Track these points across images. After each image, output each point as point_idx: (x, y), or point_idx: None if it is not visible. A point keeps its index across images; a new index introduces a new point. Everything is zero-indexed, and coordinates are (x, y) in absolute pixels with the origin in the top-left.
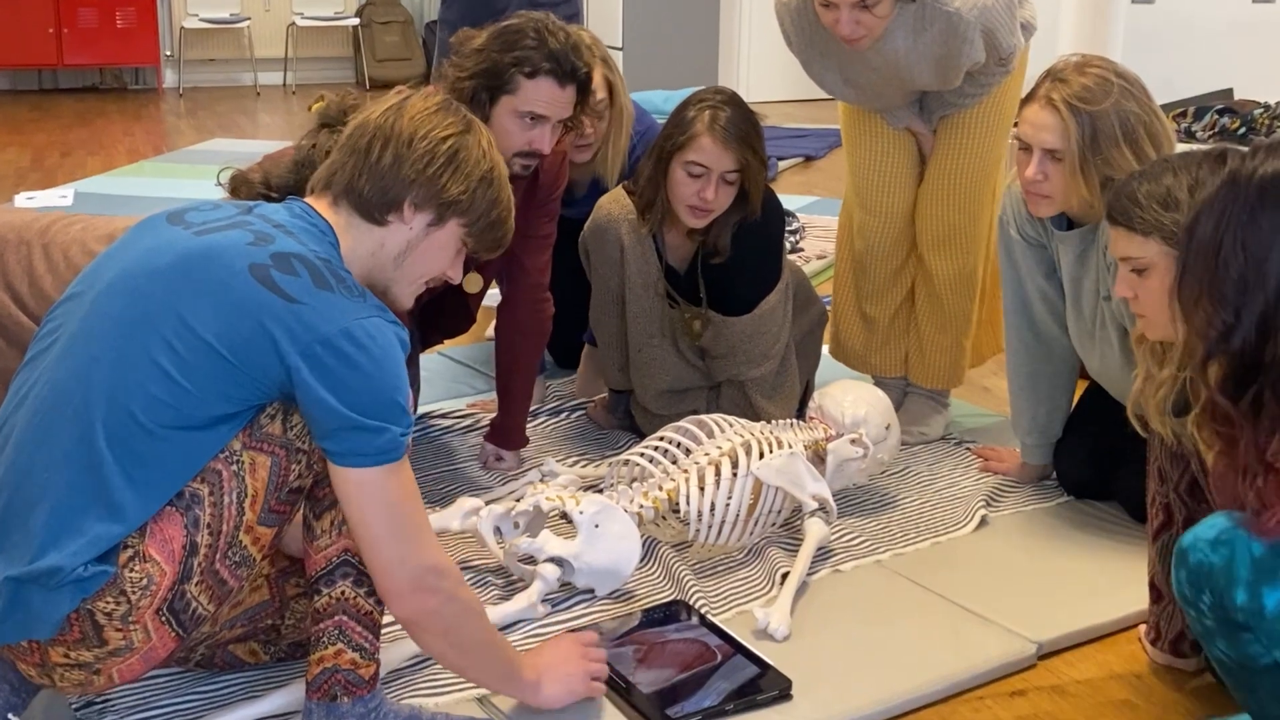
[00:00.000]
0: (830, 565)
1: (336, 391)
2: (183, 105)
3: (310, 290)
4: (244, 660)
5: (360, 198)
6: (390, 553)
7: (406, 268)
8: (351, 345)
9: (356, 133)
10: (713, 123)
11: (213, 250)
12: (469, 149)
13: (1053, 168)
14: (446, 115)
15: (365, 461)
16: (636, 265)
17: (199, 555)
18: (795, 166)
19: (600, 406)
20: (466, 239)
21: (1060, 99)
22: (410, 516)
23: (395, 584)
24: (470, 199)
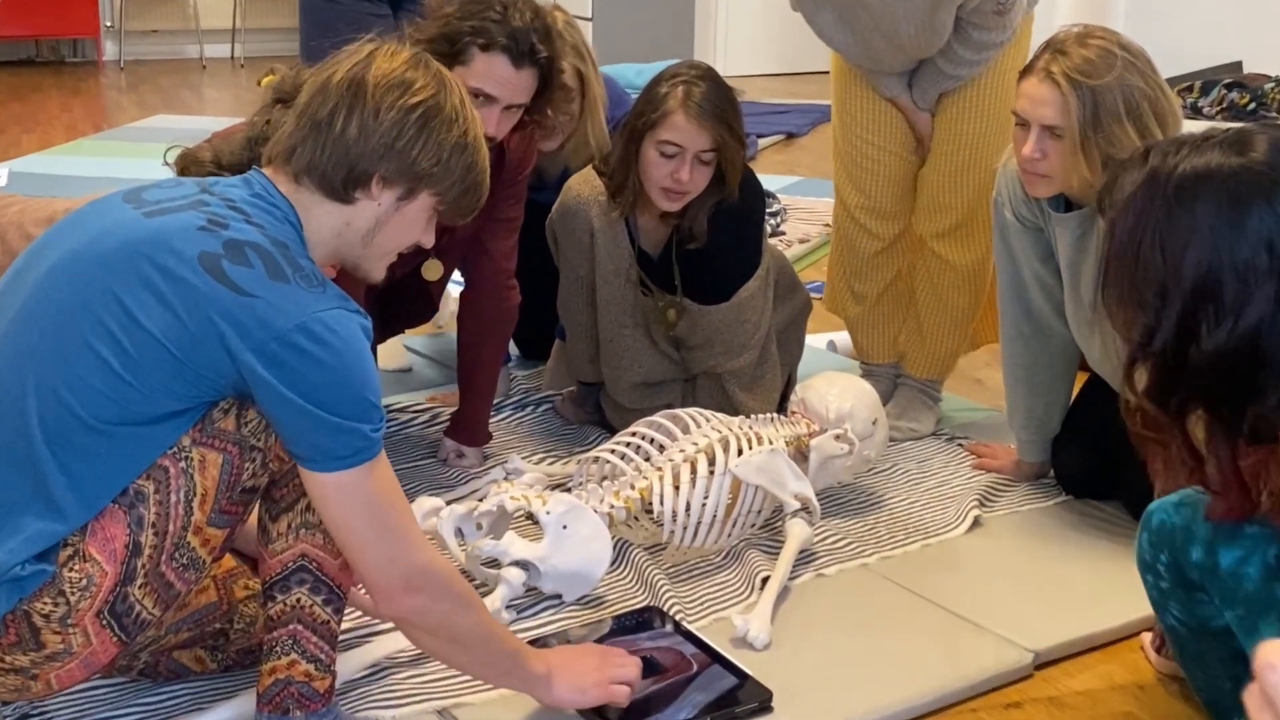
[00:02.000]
0: (813, 569)
1: (300, 391)
2: (124, 79)
3: (264, 282)
4: (190, 668)
5: (323, 175)
6: (377, 554)
7: (376, 244)
8: (311, 341)
9: (316, 99)
10: (686, 99)
11: (161, 235)
12: (442, 113)
13: (1051, 145)
14: (416, 74)
15: (340, 464)
16: (607, 250)
17: (143, 556)
18: (776, 144)
19: (569, 400)
20: (438, 207)
21: (1060, 72)
22: (394, 514)
23: (385, 585)
24: (443, 169)
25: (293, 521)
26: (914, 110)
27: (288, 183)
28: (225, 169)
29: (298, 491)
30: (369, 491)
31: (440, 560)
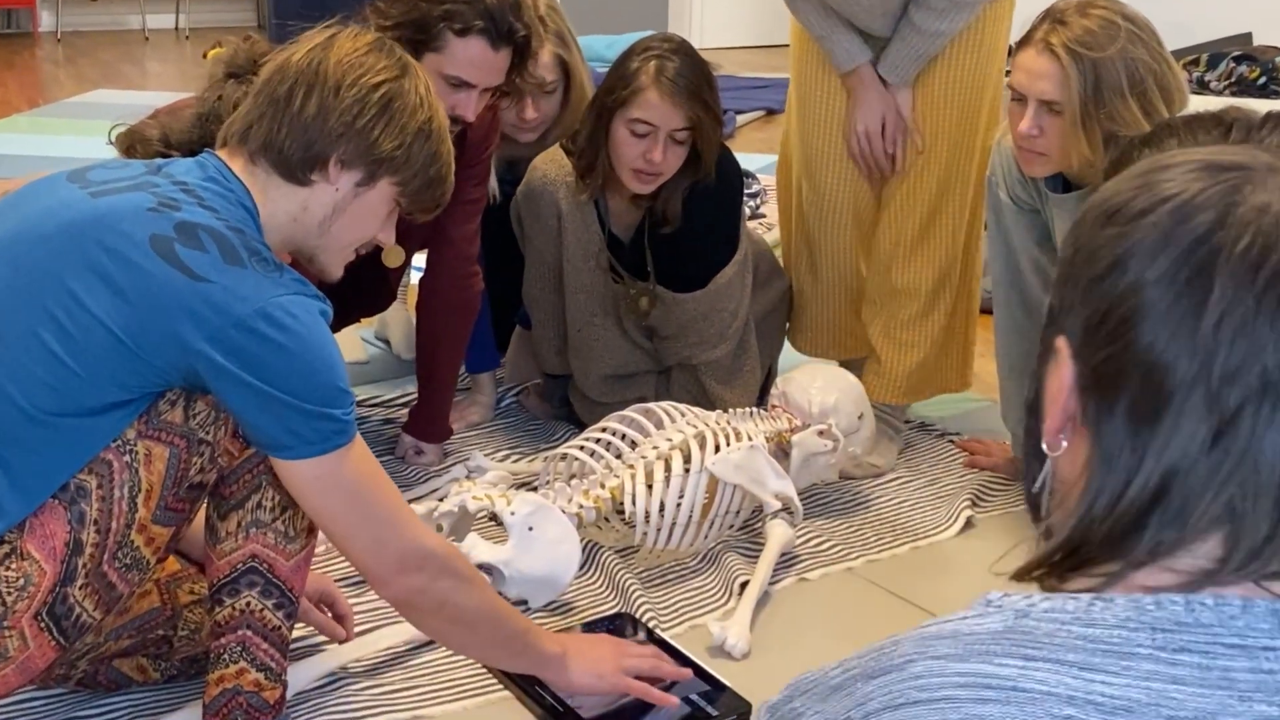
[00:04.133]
0: (795, 573)
1: (264, 378)
2: (61, 52)
3: (219, 267)
4: (131, 678)
5: (280, 154)
6: (365, 538)
7: (334, 234)
8: (271, 326)
9: (275, 78)
10: (659, 75)
11: (109, 216)
12: (404, 97)
13: (1049, 121)
14: (379, 57)
15: (313, 451)
16: (576, 234)
17: (84, 555)
18: (756, 121)
19: (534, 393)
20: (400, 199)
21: (1060, 44)
22: (378, 496)
23: (378, 568)
24: (405, 154)
25: (243, 520)
26: (871, 86)
27: (243, 163)
28: (174, 148)
29: (248, 488)
30: (347, 476)
31: (435, 538)
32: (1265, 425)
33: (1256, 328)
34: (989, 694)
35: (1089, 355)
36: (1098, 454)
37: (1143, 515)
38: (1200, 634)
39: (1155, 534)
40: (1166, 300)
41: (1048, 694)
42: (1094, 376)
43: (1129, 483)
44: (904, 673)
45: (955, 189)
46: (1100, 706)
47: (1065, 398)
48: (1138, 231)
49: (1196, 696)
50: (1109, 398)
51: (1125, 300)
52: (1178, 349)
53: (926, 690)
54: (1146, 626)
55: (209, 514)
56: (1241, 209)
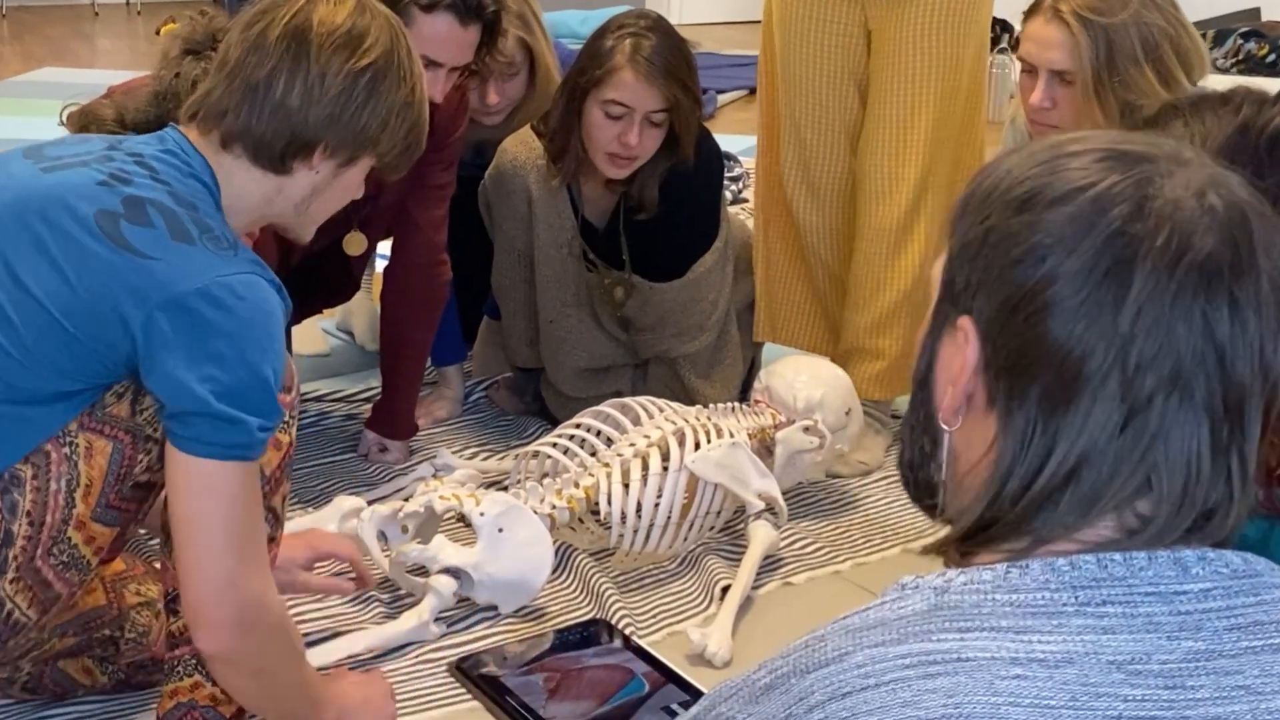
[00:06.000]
0: (780, 577)
1: (188, 362)
2: (5, 27)
3: (165, 244)
4: (78, 681)
5: (259, 143)
6: (221, 571)
7: (311, 212)
8: (210, 306)
9: (251, 59)
10: (634, 53)
11: (54, 192)
12: (390, 73)
13: (1062, 92)
14: (364, 26)
15: (211, 452)
16: (547, 221)
17: (14, 547)
18: (737, 101)
19: (505, 388)
20: (376, 164)
21: (1069, 11)
22: (250, 533)
23: (218, 613)
24: (388, 131)
25: None
26: None
27: (211, 145)
28: (130, 128)
29: None
30: (236, 496)
31: (277, 601)
32: (1174, 413)
33: (1172, 321)
34: (935, 669)
35: (1002, 340)
36: (1008, 435)
37: (1055, 495)
38: (1117, 586)
39: (1064, 513)
40: (1085, 291)
41: (992, 659)
42: (1007, 362)
43: (1041, 467)
44: (844, 664)
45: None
46: (1044, 663)
47: (967, 378)
48: (1053, 220)
49: (1130, 642)
50: (1022, 382)
51: (1042, 289)
52: (1094, 338)
53: (872, 676)
54: (1067, 586)
55: (165, 519)
56: (1157, 202)
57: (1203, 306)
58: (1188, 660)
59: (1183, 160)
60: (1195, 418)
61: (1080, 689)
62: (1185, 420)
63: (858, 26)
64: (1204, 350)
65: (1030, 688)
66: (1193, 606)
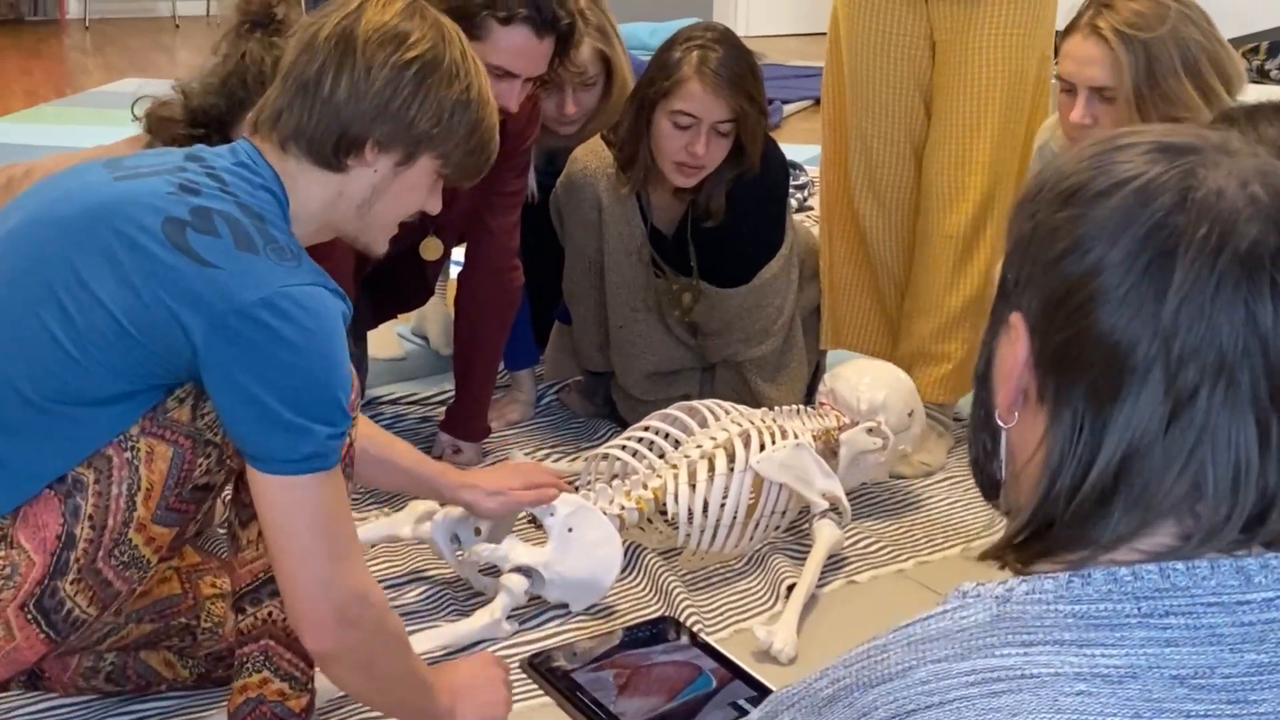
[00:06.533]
0: (844, 575)
1: (255, 374)
2: (89, 39)
3: (229, 253)
4: (160, 673)
5: (312, 141)
6: (312, 575)
7: (374, 215)
8: (275, 316)
9: (302, 59)
10: (702, 65)
11: (124, 200)
12: (439, 69)
13: (1103, 109)
14: (410, 27)
15: (290, 469)
16: (617, 228)
17: (76, 550)
18: (803, 111)
19: (576, 391)
20: (442, 170)
21: (1108, 27)
22: (341, 534)
23: (318, 613)
24: (445, 129)
25: None
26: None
27: (275, 152)
28: (199, 121)
29: None
30: (319, 505)
31: (378, 593)
32: (1220, 405)
33: (1214, 312)
34: (999, 686)
35: (1049, 334)
36: (1057, 430)
37: (1107, 496)
38: (1180, 597)
39: (1120, 516)
40: (1128, 283)
41: (1056, 675)
42: (1054, 356)
43: (1092, 461)
44: (907, 679)
45: (1005, 176)
46: (1107, 678)
47: (1019, 373)
48: (1097, 213)
49: (1193, 655)
50: (1069, 376)
51: (1086, 282)
52: (1138, 331)
53: (936, 694)
54: (1130, 596)
55: (230, 520)
56: (1199, 193)
57: (1245, 297)
58: (1250, 674)
59: (1230, 150)
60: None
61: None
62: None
63: (924, 39)
64: (1248, 341)
65: (1094, 704)
66: (1255, 617)
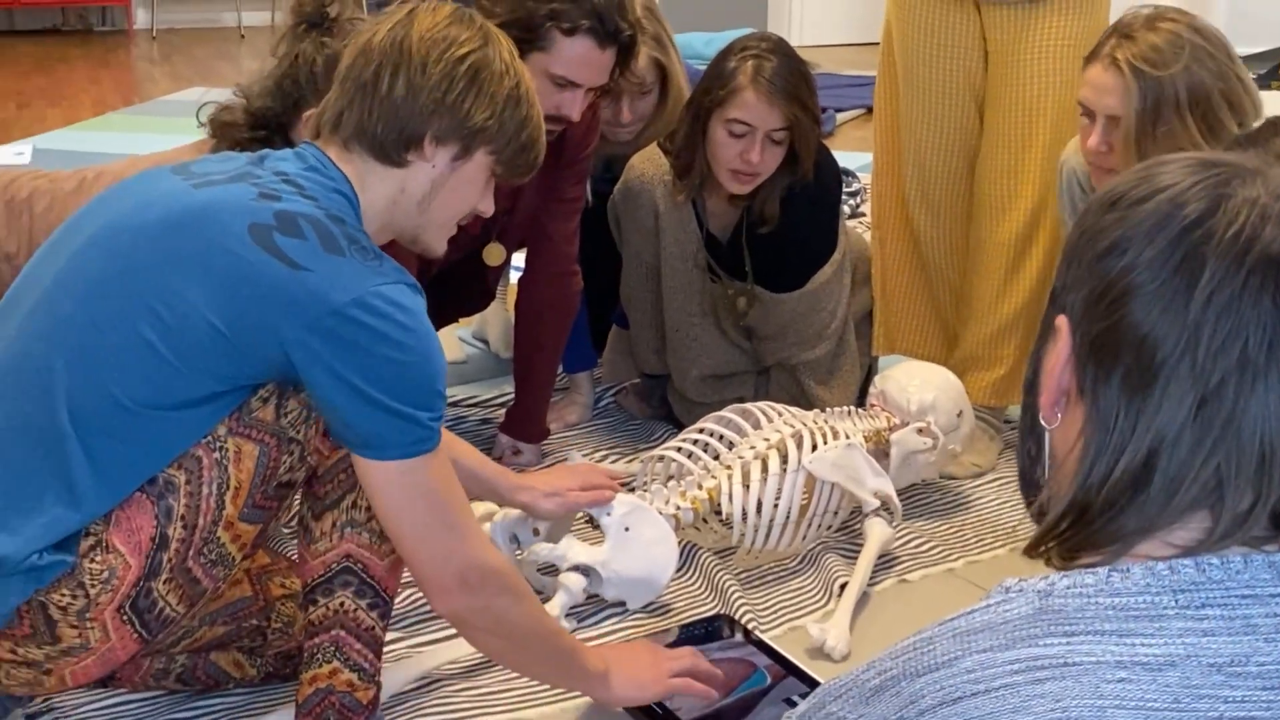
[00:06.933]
0: (895, 574)
1: (357, 370)
2: (156, 49)
3: (318, 255)
4: (229, 673)
5: (374, 138)
6: (433, 548)
7: (434, 210)
8: (371, 315)
9: (359, 62)
10: (756, 74)
11: (210, 207)
12: (491, 65)
13: (1118, 136)
14: (461, 28)
15: (396, 454)
16: (673, 234)
17: (169, 550)
18: (856, 119)
19: (633, 393)
20: (495, 167)
21: (1124, 59)
22: (452, 508)
23: (440, 581)
24: (498, 123)
25: (337, 520)
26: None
27: (339, 152)
28: (260, 123)
29: (343, 488)
30: (428, 483)
31: (497, 556)
32: (1245, 397)
33: (1241, 307)
34: (1043, 674)
35: (1088, 327)
36: (1094, 420)
37: (1139, 483)
38: (1216, 590)
39: (1151, 505)
40: (1160, 279)
41: (1097, 663)
42: (1092, 347)
43: (1124, 447)
44: (953, 669)
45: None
46: (1147, 666)
47: (1060, 371)
48: (1136, 216)
49: (1229, 644)
50: (1105, 366)
51: (1122, 278)
52: (1168, 324)
53: (982, 682)
54: (1167, 589)
55: (303, 513)
56: (1232, 200)
57: (1272, 294)
58: None
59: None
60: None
61: (1182, 691)
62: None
63: (977, 48)
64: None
65: (1134, 690)
66: None
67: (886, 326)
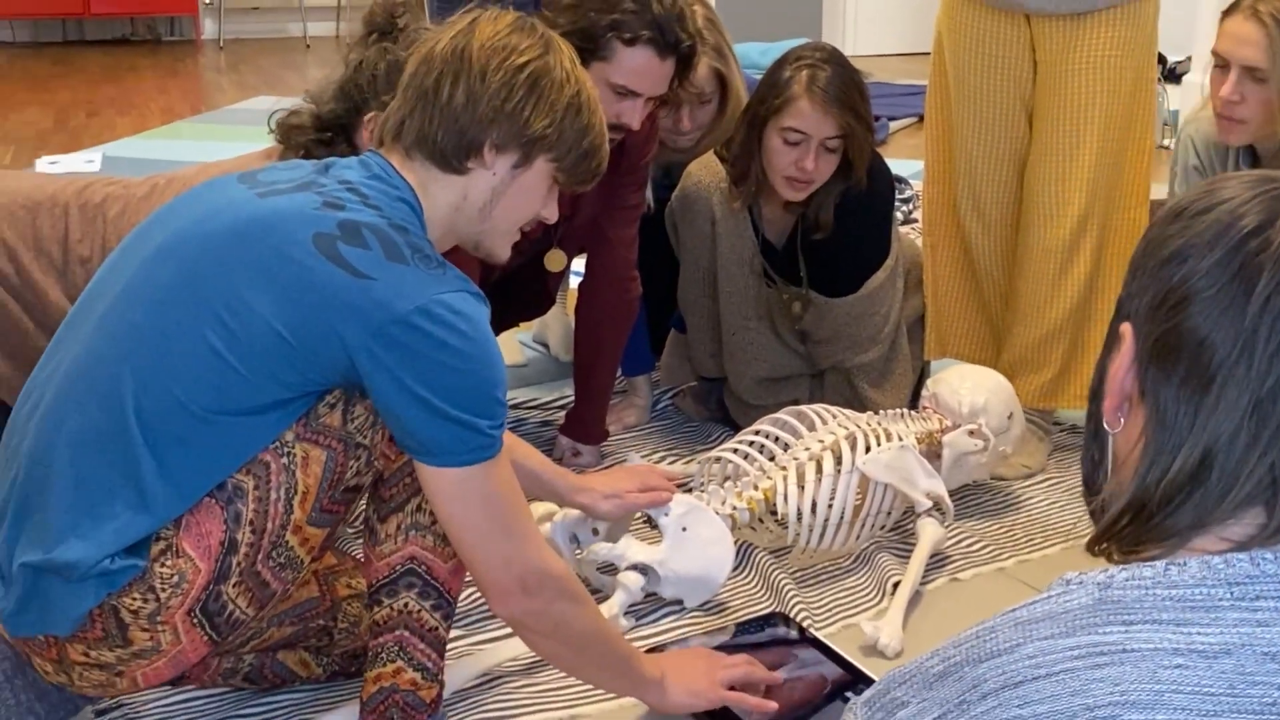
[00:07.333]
0: (947, 573)
1: (419, 378)
2: (223, 59)
3: (381, 264)
4: (295, 672)
5: (434, 146)
6: (493, 554)
7: (496, 218)
8: (433, 323)
9: (421, 70)
10: (811, 84)
11: (274, 216)
12: (550, 73)
13: (1251, 89)
14: (521, 36)
15: (458, 460)
16: (730, 240)
17: (238, 554)
18: (908, 127)
19: (690, 396)
20: (557, 174)
21: (1268, 12)
22: (512, 514)
23: (500, 586)
24: (558, 131)
25: (402, 522)
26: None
27: (401, 160)
28: (326, 126)
29: (408, 491)
30: (488, 490)
31: (555, 561)
32: None
33: None
34: (1102, 659)
35: (1150, 330)
36: (1154, 420)
37: (1195, 480)
38: (1270, 583)
39: (1206, 499)
40: (1218, 285)
41: (1155, 650)
42: (1153, 350)
43: (1181, 446)
44: (1015, 655)
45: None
46: (1203, 653)
47: (1124, 376)
48: (1197, 226)
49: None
50: (1166, 368)
51: (1183, 284)
52: (1225, 328)
53: (1043, 667)
54: (1223, 582)
55: (368, 515)
56: None
57: None
58: None
59: None
60: None
61: (1237, 678)
62: None
63: (1026, 58)
64: None
65: (1191, 676)
66: None
67: (938, 331)
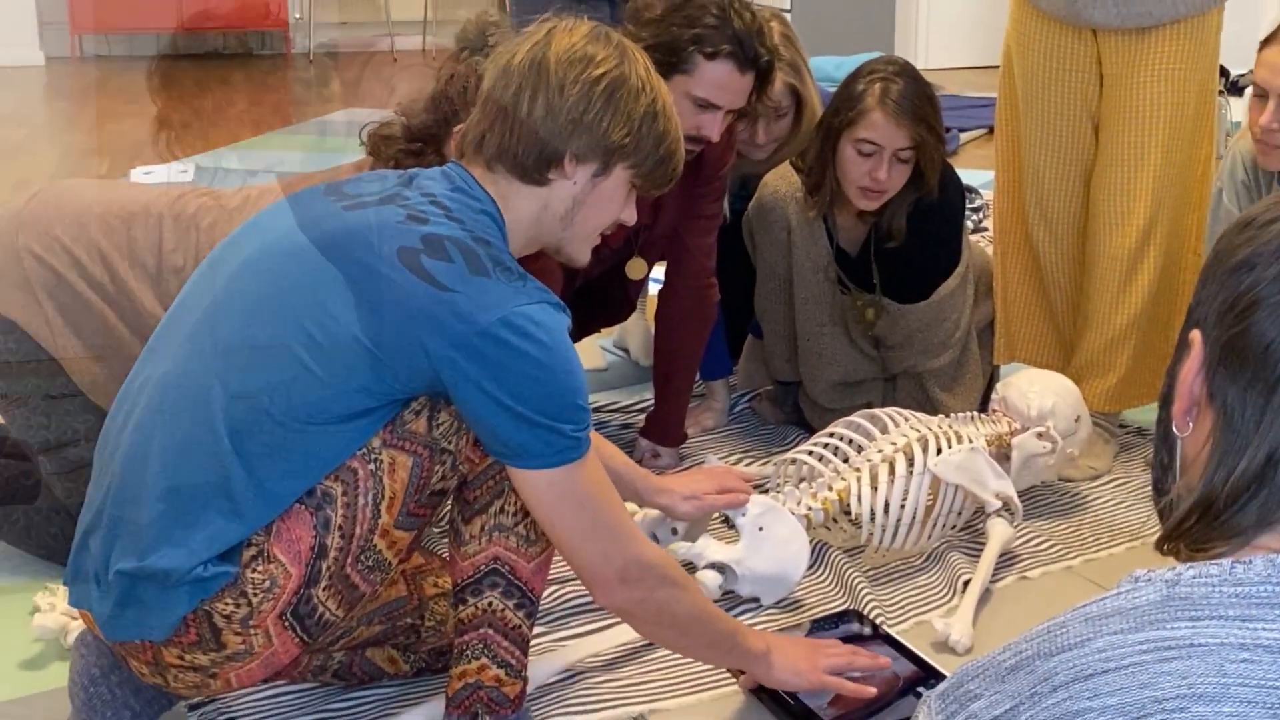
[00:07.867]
0: (1016, 571)
1: (503, 386)
2: (313, 72)
3: (464, 277)
4: (383, 669)
5: (515, 159)
6: (591, 550)
7: (577, 225)
8: (515, 334)
9: (499, 83)
10: (884, 96)
11: (359, 230)
12: (627, 82)
13: None
14: (598, 46)
15: (546, 463)
16: (805, 248)
17: (328, 559)
18: (978, 138)
19: (766, 399)
20: (635, 180)
21: None
22: (606, 509)
23: (602, 579)
24: (635, 140)
25: (486, 524)
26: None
27: (483, 172)
28: (416, 137)
29: (491, 493)
30: (579, 489)
31: (654, 550)
32: None
33: None
34: (1170, 654)
35: (1218, 335)
36: (1221, 423)
37: (1260, 479)
38: None
39: (1271, 499)
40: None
41: (1221, 645)
42: (1221, 354)
43: (1246, 447)
44: (1085, 649)
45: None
46: (1269, 648)
47: (1192, 380)
48: (1265, 236)
49: None
50: (1233, 372)
51: (1250, 291)
52: None
53: (1113, 660)
54: None
55: (453, 517)
56: None
57: None
58: None
59: None
60: None
61: None
62: None
63: (1092, 71)
64: None
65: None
66: None
67: (1007, 336)
